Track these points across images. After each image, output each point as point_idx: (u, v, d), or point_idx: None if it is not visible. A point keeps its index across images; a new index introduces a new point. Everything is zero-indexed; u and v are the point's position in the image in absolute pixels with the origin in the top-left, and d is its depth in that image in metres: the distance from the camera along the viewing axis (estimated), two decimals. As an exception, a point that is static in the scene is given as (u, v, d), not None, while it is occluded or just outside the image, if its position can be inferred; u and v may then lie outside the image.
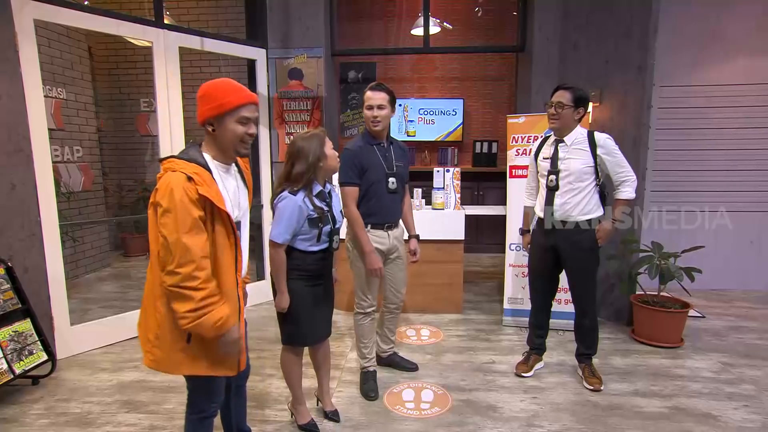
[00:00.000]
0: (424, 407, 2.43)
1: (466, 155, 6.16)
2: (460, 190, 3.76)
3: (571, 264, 2.59)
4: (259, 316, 3.82)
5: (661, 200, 4.29)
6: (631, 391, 2.58)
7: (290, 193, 1.98)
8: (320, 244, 2.05)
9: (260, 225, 4.14)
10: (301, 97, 4.08)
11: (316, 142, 2.00)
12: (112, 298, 4.22)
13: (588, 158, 2.45)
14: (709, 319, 3.66)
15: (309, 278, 2.07)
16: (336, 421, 2.30)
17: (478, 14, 5.83)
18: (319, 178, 2.04)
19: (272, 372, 2.82)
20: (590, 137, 2.47)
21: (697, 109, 4.19)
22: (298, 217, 1.97)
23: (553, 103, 2.48)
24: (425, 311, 3.81)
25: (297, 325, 2.10)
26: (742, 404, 2.44)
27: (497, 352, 3.08)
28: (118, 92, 5.88)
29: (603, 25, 3.52)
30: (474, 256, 5.73)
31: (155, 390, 2.63)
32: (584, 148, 2.46)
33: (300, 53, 4.03)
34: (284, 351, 2.19)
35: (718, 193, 4.27)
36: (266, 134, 4.07)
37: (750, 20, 4.05)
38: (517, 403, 2.46)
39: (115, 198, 5.82)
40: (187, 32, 3.53)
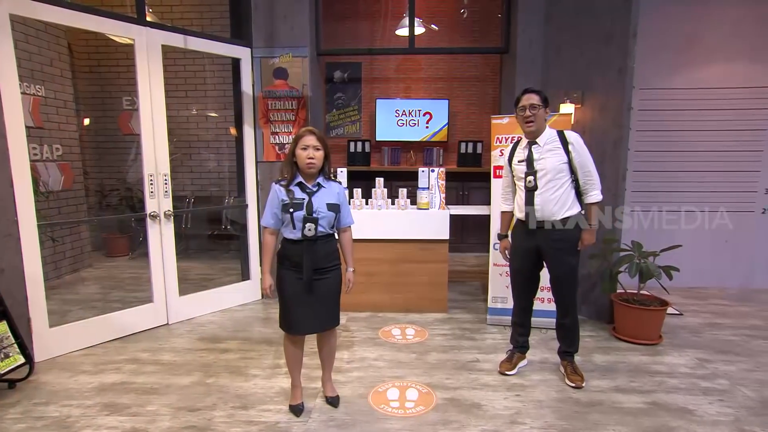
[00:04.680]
0: (408, 406, 2.44)
1: (452, 155, 6.20)
2: (444, 190, 3.78)
3: (554, 263, 2.62)
4: (244, 316, 3.78)
5: (640, 200, 4.38)
6: (612, 388, 2.62)
7: (274, 182, 2.23)
8: (297, 231, 2.16)
9: (245, 225, 4.11)
10: (286, 96, 4.05)
11: (294, 141, 2.21)
12: (93, 299, 4.13)
13: (562, 155, 2.52)
14: (687, 316, 3.75)
15: (293, 269, 2.20)
16: (334, 406, 2.42)
17: (463, 15, 5.87)
18: (301, 172, 2.21)
19: (257, 372, 2.80)
20: (561, 135, 2.55)
21: (676, 111, 4.29)
22: (273, 202, 2.21)
23: (527, 105, 2.52)
24: (410, 311, 3.83)
25: (284, 312, 2.27)
26: (717, 398, 2.50)
27: (481, 351, 3.11)
28: (100, 90, 5.77)
29: (585, 28, 3.58)
30: (459, 256, 5.77)
31: (138, 392, 2.58)
32: (557, 146, 2.54)
33: (285, 52, 4.00)
34: (284, 336, 2.35)
35: (695, 194, 4.38)
36: (251, 134, 4.04)
37: (725, 26, 4.16)
38: (500, 401, 2.49)
39: (96, 198, 5.71)
40: (170, 30, 3.48)
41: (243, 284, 4.11)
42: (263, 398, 2.52)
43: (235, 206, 4.99)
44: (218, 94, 5.80)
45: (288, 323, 2.26)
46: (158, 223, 3.44)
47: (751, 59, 4.19)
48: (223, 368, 2.87)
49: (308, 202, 2.16)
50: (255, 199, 4.08)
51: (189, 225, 5.57)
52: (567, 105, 3.70)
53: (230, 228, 5.57)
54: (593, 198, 2.57)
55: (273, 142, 4.08)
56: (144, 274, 3.68)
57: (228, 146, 5.76)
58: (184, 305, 3.67)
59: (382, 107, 6.12)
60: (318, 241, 2.19)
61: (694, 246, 4.28)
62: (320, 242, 2.20)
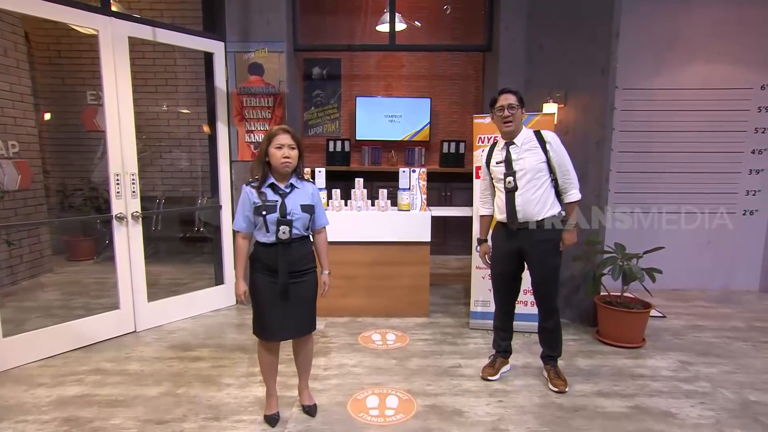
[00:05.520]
0: (388, 414, 2.44)
1: (434, 155, 6.24)
2: (426, 191, 3.80)
3: (536, 265, 2.66)
4: (217, 322, 3.73)
5: (623, 201, 4.48)
6: (595, 392, 2.67)
7: (245, 183, 2.20)
8: (270, 234, 2.14)
9: (219, 227, 4.05)
10: (261, 93, 4.01)
11: (266, 139, 2.17)
12: (53, 306, 4.01)
13: (540, 154, 2.57)
14: (670, 318, 3.85)
15: (268, 273, 2.18)
16: (311, 416, 2.40)
17: (446, 12, 5.91)
18: (273, 173, 2.18)
19: (230, 381, 2.76)
20: (537, 135, 2.61)
21: (659, 112, 4.41)
22: (245, 204, 2.17)
23: (505, 105, 2.56)
24: (391, 315, 3.83)
25: (258, 317, 2.25)
26: (698, 401, 2.57)
27: (463, 356, 3.13)
28: (62, 83, 5.62)
29: (568, 27, 3.65)
30: (442, 259, 5.81)
31: (101, 404, 2.51)
32: (535, 145, 2.59)
33: (261, 47, 3.96)
34: (258, 342, 2.31)
35: (677, 195, 4.51)
36: (225, 132, 3.98)
37: (706, 27, 4.30)
38: (482, 407, 2.51)
39: (58, 198, 5.55)
40: (138, 21, 3.41)
41: (216, 289, 4.05)
42: (237, 408, 2.48)
43: (208, 207, 4.92)
44: (190, 90, 5.71)
45: (262, 329, 2.24)
46: (125, 225, 3.36)
47: (733, 60, 4.34)
48: (194, 377, 2.82)
49: (282, 204, 2.14)
50: (229, 200, 4.02)
51: (159, 227, 5.46)
52: (550, 105, 3.77)
53: (203, 230, 5.49)
54: (572, 197, 2.63)
55: (248, 141, 4.04)
56: (110, 279, 3.59)
57: (201, 144, 5.68)
58: (153, 311, 3.60)
59: (362, 105, 6.13)
60: (293, 244, 2.18)
61: (677, 247, 4.41)
62: (295, 245, 2.19)
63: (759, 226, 4.55)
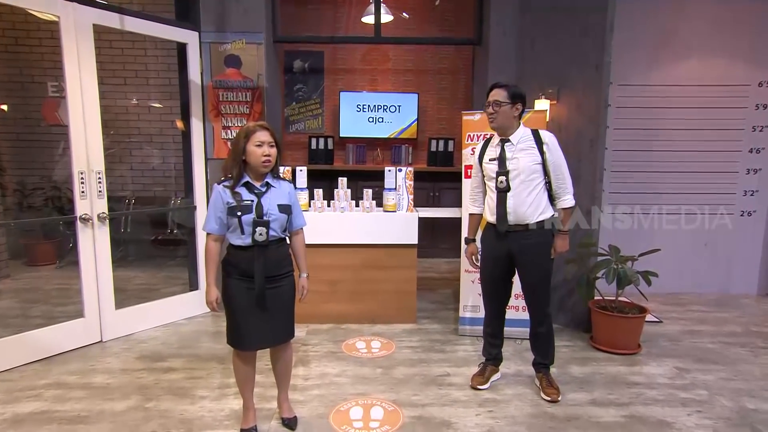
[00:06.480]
0: (373, 426, 2.42)
1: (421, 154, 6.25)
2: (413, 191, 3.79)
3: (527, 269, 2.67)
4: (191, 330, 3.67)
5: (618, 201, 4.54)
6: (589, 401, 2.69)
7: (216, 183, 2.16)
8: (246, 237, 2.11)
9: (193, 228, 3.99)
10: (239, 87, 3.97)
11: (242, 136, 2.12)
12: (8, 315, 3.90)
13: (536, 155, 2.57)
14: (666, 323, 3.91)
15: (243, 278, 2.15)
16: (291, 429, 2.38)
17: (435, 3, 5.92)
18: (249, 171, 2.15)
19: (205, 394, 2.71)
20: (535, 134, 2.61)
21: (654, 109, 4.48)
22: (217, 205, 2.13)
23: (491, 102, 2.57)
24: (376, 321, 3.81)
25: (232, 326, 2.20)
26: (695, 410, 2.61)
27: (452, 364, 3.13)
28: (19, 74, 5.49)
29: (560, 21, 3.68)
30: (429, 262, 5.81)
31: (62, 421, 2.45)
32: (531, 145, 2.59)
33: (238, 38, 3.92)
34: (233, 352, 2.28)
35: (674, 195, 4.58)
36: (199, 128, 3.93)
37: (701, 22, 4.38)
38: (472, 418, 2.50)
39: (16, 198, 5.41)
40: (103, 8, 3.34)
41: (190, 295, 4.00)
42: (211, 423, 2.44)
43: (181, 208, 4.85)
44: (162, 83, 5.62)
45: (237, 338, 2.20)
46: (90, 226, 3.29)
47: (730, 56, 4.42)
48: (165, 390, 2.76)
49: (258, 204, 2.11)
50: (204, 200, 3.97)
51: (129, 229, 5.38)
52: (542, 101, 3.80)
53: (176, 232, 5.41)
54: (566, 203, 2.64)
55: (224, 138, 3.99)
56: (74, 285, 3.50)
57: (174, 141, 5.59)
58: (121, 320, 3.53)
59: (346, 101, 6.10)
60: (270, 247, 2.15)
61: (673, 249, 4.47)
62: (272, 247, 2.16)
63: (757, 228, 4.64)
